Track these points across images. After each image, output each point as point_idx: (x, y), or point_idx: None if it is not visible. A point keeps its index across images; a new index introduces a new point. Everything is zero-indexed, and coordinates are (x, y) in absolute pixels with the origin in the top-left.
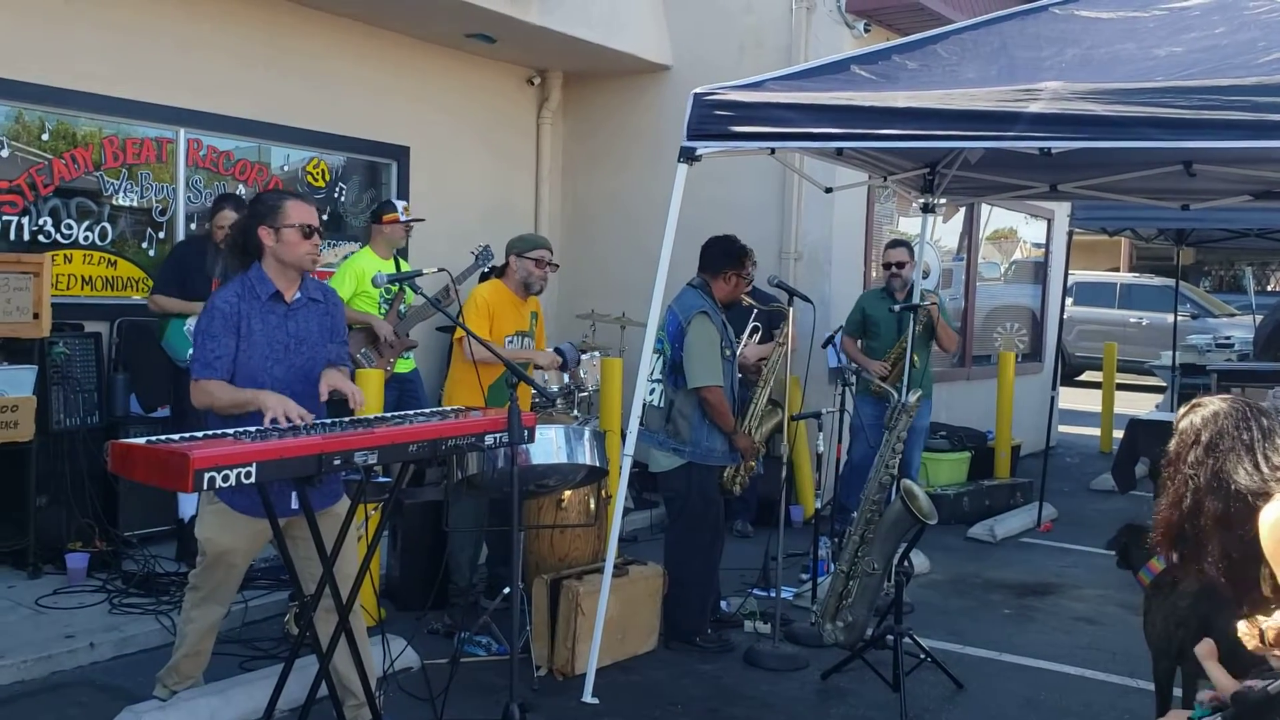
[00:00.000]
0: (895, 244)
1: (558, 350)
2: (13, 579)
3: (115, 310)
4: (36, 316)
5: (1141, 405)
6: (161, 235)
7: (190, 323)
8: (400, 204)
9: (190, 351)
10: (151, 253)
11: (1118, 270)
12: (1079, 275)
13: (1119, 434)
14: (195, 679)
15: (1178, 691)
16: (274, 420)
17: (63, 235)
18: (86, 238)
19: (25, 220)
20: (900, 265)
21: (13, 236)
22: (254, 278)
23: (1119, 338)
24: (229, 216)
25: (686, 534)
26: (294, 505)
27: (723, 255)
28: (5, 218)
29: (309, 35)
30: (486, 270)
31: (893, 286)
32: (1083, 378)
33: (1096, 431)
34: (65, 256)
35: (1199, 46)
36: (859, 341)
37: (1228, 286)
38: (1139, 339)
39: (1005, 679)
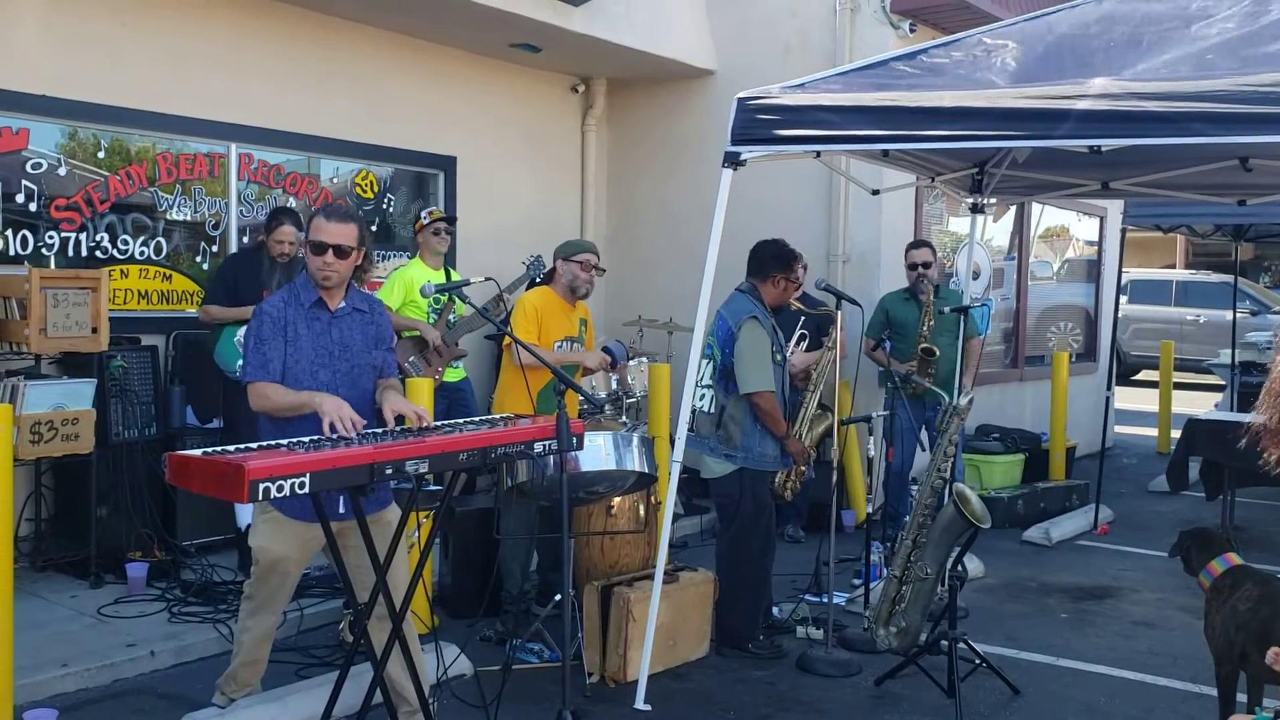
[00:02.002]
0: (918, 244)
1: (606, 349)
2: (75, 588)
3: (171, 324)
4: (95, 331)
5: (1200, 405)
6: (215, 249)
7: (241, 332)
8: (425, 210)
9: (240, 361)
10: (205, 266)
11: (1173, 267)
12: (1133, 273)
13: (1177, 434)
14: (253, 686)
15: (1242, 697)
16: (330, 423)
17: (119, 250)
18: (142, 253)
19: (83, 237)
20: (926, 265)
21: (71, 253)
22: (300, 285)
23: (1176, 336)
24: (289, 232)
25: (738, 540)
26: (341, 510)
27: (771, 259)
28: (64, 234)
29: (356, 50)
30: (538, 280)
31: (918, 287)
32: (1139, 377)
33: (1154, 432)
34: (122, 271)
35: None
36: (884, 343)
37: None
38: (1196, 337)
39: (1063, 685)
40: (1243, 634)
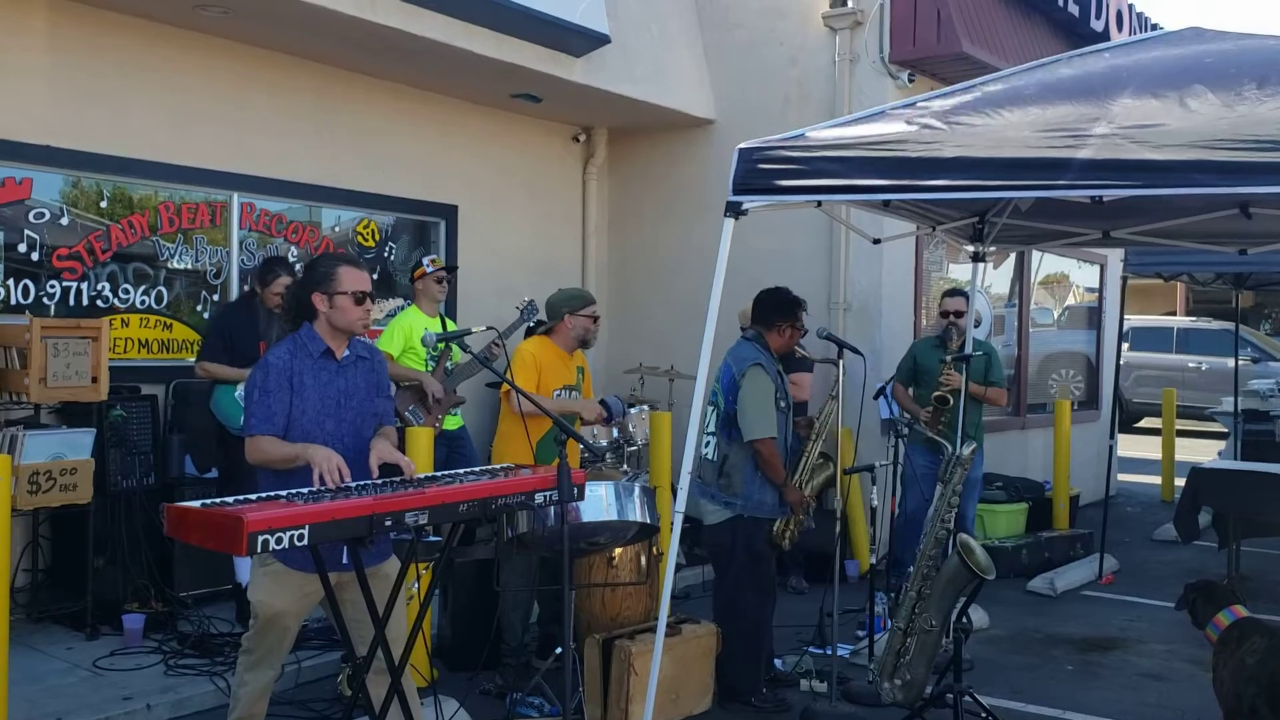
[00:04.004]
0: (953, 292)
1: (602, 403)
2: (71, 640)
3: (170, 373)
4: (95, 381)
5: (1203, 452)
6: (216, 297)
7: (241, 389)
8: (427, 259)
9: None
10: (206, 315)
11: (1174, 314)
12: (1134, 320)
13: (1180, 482)
14: None
15: None
16: (320, 474)
17: (120, 300)
18: (143, 301)
19: (84, 286)
20: (959, 314)
21: (72, 302)
22: (305, 336)
23: (1178, 383)
24: (286, 282)
25: (735, 590)
26: (345, 560)
27: (776, 307)
28: (65, 283)
29: (357, 100)
30: (531, 325)
31: (949, 335)
32: (1141, 424)
33: (1157, 480)
34: (122, 320)
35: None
36: (910, 389)
37: None
38: (1198, 384)
39: None
40: (1252, 687)
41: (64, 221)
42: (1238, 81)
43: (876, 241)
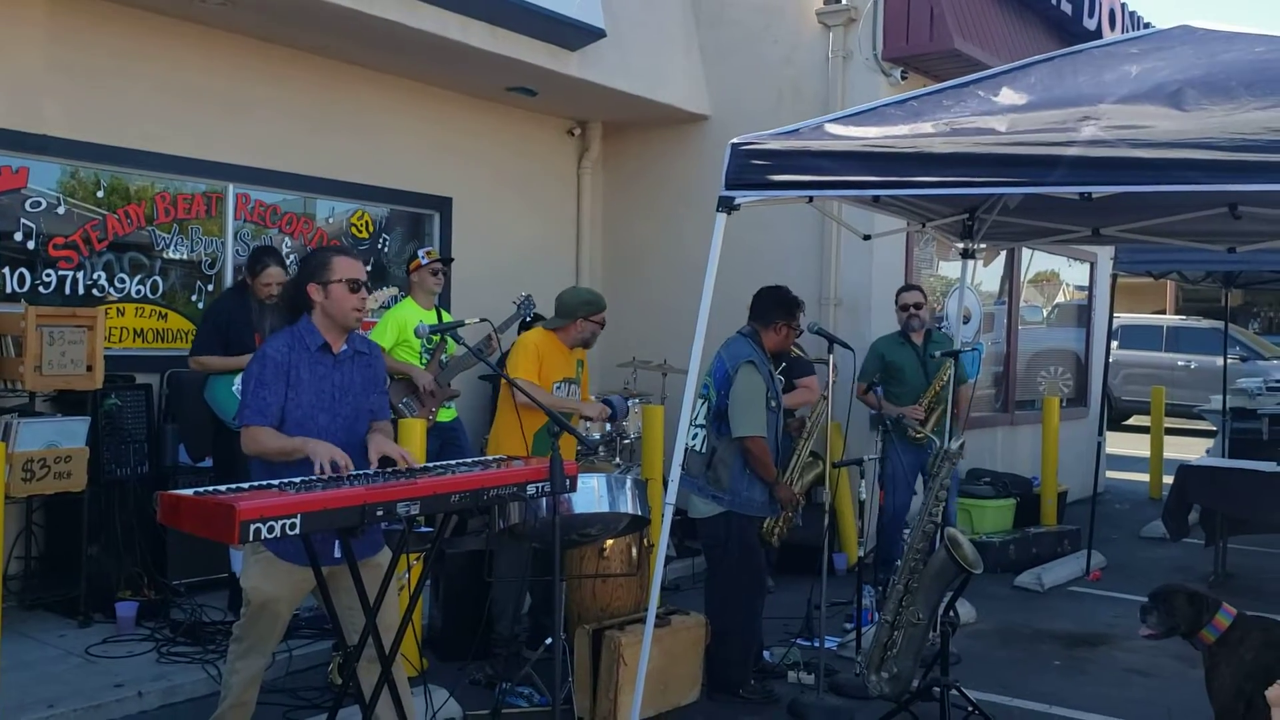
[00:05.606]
0: (909, 287)
1: (606, 402)
2: (64, 628)
3: (165, 362)
4: (90, 369)
5: (1191, 450)
6: (210, 288)
7: (239, 381)
8: (423, 251)
9: (239, 407)
10: (201, 305)
11: (1163, 312)
12: (1124, 318)
13: (1169, 479)
14: None
15: None
16: (321, 468)
17: (116, 289)
18: (138, 291)
19: (80, 275)
20: (918, 307)
21: (68, 291)
22: (303, 329)
23: (1166, 381)
24: (276, 274)
25: (726, 583)
26: (337, 554)
27: (774, 305)
28: (61, 273)
29: (353, 91)
30: (528, 319)
31: (910, 327)
32: (1130, 422)
33: (1145, 477)
34: (118, 310)
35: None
36: (876, 387)
37: (1278, 328)
38: (1187, 382)
39: None
40: (1250, 682)
41: (60, 211)
42: (1227, 84)
43: (867, 238)
